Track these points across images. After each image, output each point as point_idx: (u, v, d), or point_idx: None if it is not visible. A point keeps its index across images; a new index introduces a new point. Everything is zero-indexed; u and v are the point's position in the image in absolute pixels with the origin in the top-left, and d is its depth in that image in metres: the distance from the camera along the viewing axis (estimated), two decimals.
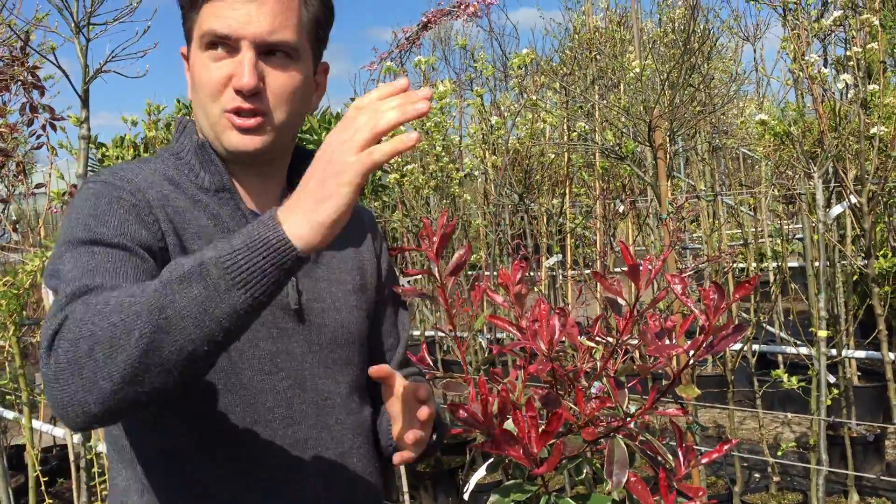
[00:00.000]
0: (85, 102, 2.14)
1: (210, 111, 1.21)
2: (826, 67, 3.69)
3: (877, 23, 3.14)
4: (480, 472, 1.29)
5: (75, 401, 0.91)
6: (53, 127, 2.85)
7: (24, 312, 2.66)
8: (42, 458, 4.43)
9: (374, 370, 1.18)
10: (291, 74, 1.21)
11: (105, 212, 1.11)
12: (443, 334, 5.72)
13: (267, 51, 1.19)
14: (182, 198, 1.22)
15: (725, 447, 1.13)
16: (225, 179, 1.25)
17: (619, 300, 1.19)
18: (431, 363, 1.29)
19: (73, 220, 1.12)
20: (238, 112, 1.18)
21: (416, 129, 4.79)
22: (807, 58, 3.15)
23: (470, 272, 5.47)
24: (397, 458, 1.25)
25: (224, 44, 1.18)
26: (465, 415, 1.08)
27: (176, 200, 1.21)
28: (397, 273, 1.55)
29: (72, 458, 3.31)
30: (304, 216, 0.91)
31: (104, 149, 2.81)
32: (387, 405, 1.26)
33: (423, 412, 1.18)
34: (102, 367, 0.89)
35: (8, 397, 3.44)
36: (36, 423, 3.89)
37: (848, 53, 3.25)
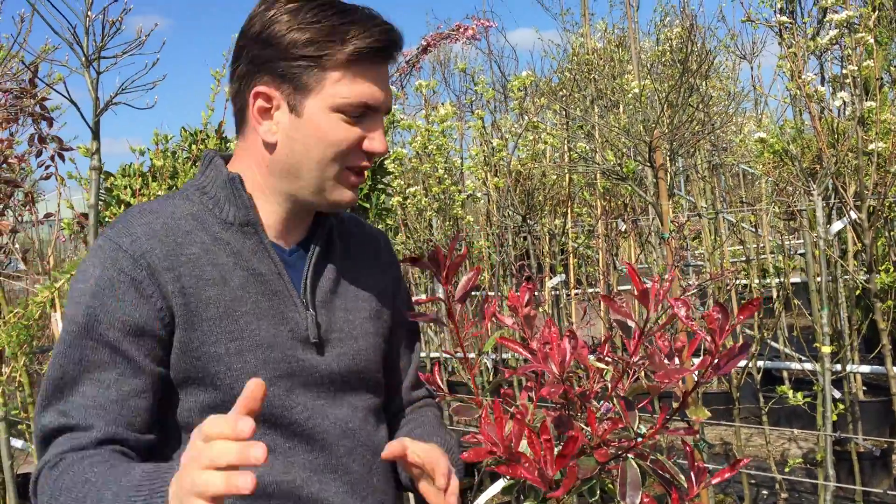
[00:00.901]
0: (96, 134, 2.17)
1: (331, 168, 1.24)
2: (823, 85, 3.73)
3: (872, 41, 3.18)
4: (487, 494, 1.31)
5: None
6: (62, 157, 2.88)
7: (35, 342, 2.68)
8: None
9: (387, 453, 1.25)
10: None
11: (106, 289, 1.17)
12: (447, 356, 5.73)
13: None
14: (202, 236, 1.23)
15: (737, 466, 1.14)
16: (250, 213, 1.26)
17: (629, 322, 1.21)
18: (440, 384, 1.31)
19: (78, 290, 1.19)
20: (362, 171, 1.27)
21: (417, 153, 4.83)
22: (804, 76, 3.19)
23: (474, 293, 5.49)
24: None
25: (363, 112, 1.24)
26: (481, 438, 1.09)
27: (191, 246, 1.22)
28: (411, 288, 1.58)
29: None
30: None
31: (112, 178, 2.84)
32: (407, 469, 1.31)
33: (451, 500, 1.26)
34: None
35: (18, 426, 3.45)
36: None
37: (844, 71, 3.29)
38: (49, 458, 1.11)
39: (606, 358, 1.25)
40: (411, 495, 3.93)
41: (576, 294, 5.25)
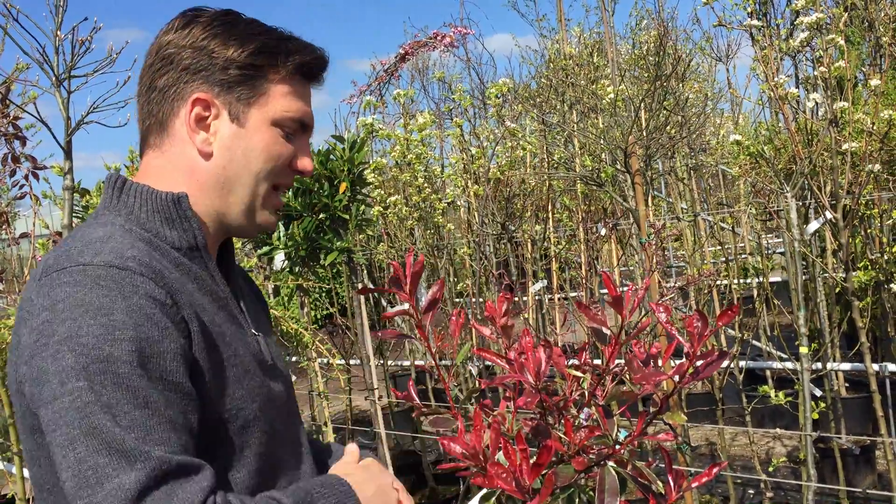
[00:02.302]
0: (68, 154, 2.16)
1: (262, 185, 1.21)
2: (797, 87, 3.77)
3: (842, 42, 3.22)
4: (472, 502, 1.31)
5: None
6: (36, 177, 2.85)
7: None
8: None
9: None
10: None
11: (141, 323, 0.99)
12: (429, 366, 5.72)
13: None
14: (168, 263, 1.11)
15: (715, 470, 1.15)
16: (199, 237, 1.17)
17: (604, 329, 1.21)
18: (420, 395, 1.31)
19: (103, 327, 0.96)
20: (285, 191, 1.26)
21: (397, 163, 4.83)
22: (777, 78, 3.22)
23: (458, 299, 5.49)
24: None
25: (298, 130, 1.24)
26: (458, 449, 1.09)
27: (172, 270, 1.11)
28: (384, 304, 1.58)
29: None
30: None
31: (88, 196, 2.82)
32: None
33: None
34: None
35: None
36: (27, 473, 3.85)
37: (816, 73, 3.32)
38: None
39: (584, 365, 1.26)
40: None
41: (559, 299, 5.27)
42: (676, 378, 1.12)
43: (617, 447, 1.13)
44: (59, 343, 0.95)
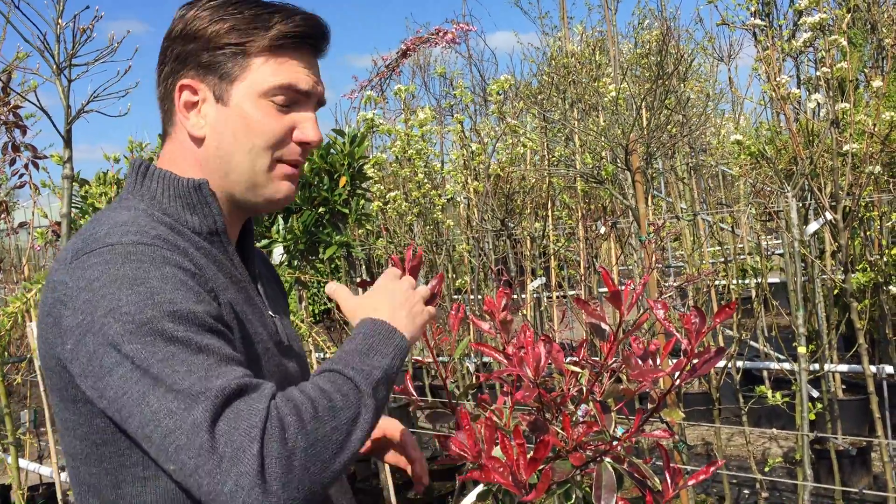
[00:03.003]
0: (67, 143, 2.15)
1: (260, 159, 1.20)
2: (798, 87, 3.76)
3: (845, 43, 3.21)
4: (469, 499, 1.31)
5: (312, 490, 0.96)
6: (36, 166, 2.85)
7: (6, 352, 2.64)
8: (29, 496, 4.37)
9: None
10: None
11: (178, 288, 1.02)
12: (429, 361, 5.72)
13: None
14: (185, 244, 1.13)
15: (711, 469, 1.15)
16: (219, 222, 1.20)
17: (603, 325, 1.21)
18: (417, 391, 1.31)
19: (141, 293, 1.00)
20: (296, 163, 1.23)
21: (397, 158, 4.83)
22: (779, 78, 3.21)
23: (456, 296, 5.48)
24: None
25: (292, 99, 1.21)
26: (454, 445, 1.09)
27: (193, 251, 1.14)
28: None
29: (59, 496, 3.28)
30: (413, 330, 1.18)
31: (87, 186, 2.81)
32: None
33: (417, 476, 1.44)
34: (328, 466, 0.97)
35: None
36: (22, 462, 3.85)
37: (818, 73, 3.32)
38: (260, 419, 0.93)
39: (583, 361, 1.25)
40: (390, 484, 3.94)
41: (557, 297, 5.27)
42: (675, 375, 1.12)
43: (614, 444, 1.13)
44: (103, 317, 0.99)
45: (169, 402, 0.94)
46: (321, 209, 3.28)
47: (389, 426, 1.47)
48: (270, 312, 1.27)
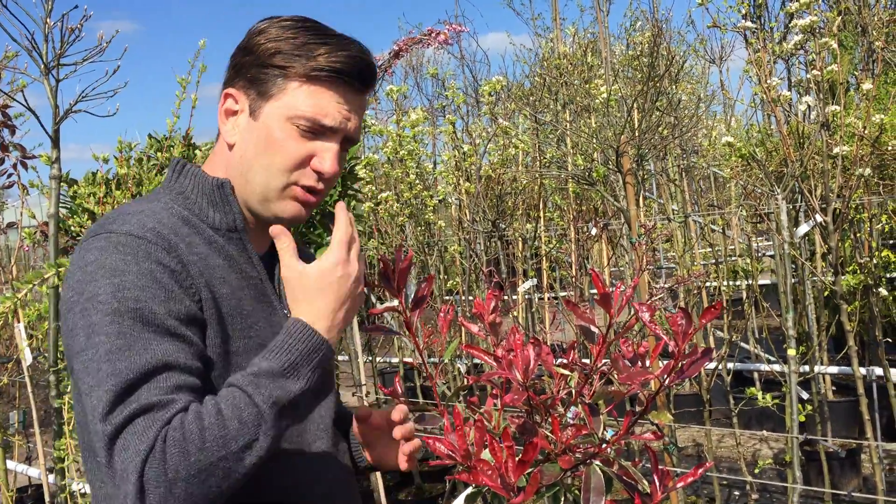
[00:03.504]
0: (55, 143, 2.14)
1: (276, 178, 1.24)
2: (790, 90, 3.77)
3: (836, 46, 3.22)
4: (458, 501, 1.31)
5: None
6: (24, 166, 2.83)
7: None
8: (17, 498, 4.35)
9: (360, 415, 1.37)
10: (344, 160, 1.32)
11: (150, 282, 1.10)
12: (416, 363, 5.72)
13: (343, 141, 1.28)
14: (197, 239, 1.22)
15: (700, 471, 1.14)
16: (238, 220, 1.28)
17: (592, 328, 1.21)
18: (408, 392, 1.31)
19: (116, 285, 1.09)
20: (311, 190, 1.26)
21: (389, 159, 4.82)
22: (769, 81, 3.22)
23: (448, 297, 5.48)
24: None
25: (316, 129, 1.24)
26: (442, 448, 1.09)
27: (198, 245, 1.21)
28: (373, 300, 1.60)
29: (47, 498, 3.27)
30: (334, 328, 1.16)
31: (76, 186, 2.80)
32: (357, 432, 1.44)
33: (407, 447, 1.36)
34: (216, 491, 1.01)
35: None
36: (10, 464, 3.83)
37: (809, 76, 3.33)
38: (149, 441, 0.99)
39: (572, 364, 1.25)
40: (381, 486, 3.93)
41: (548, 298, 5.27)
42: (663, 378, 1.11)
43: (603, 446, 1.13)
44: (86, 301, 1.09)
45: (95, 401, 1.03)
46: (312, 210, 3.27)
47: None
48: (286, 312, 1.30)
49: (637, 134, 3.24)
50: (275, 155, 1.24)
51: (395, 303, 1.25)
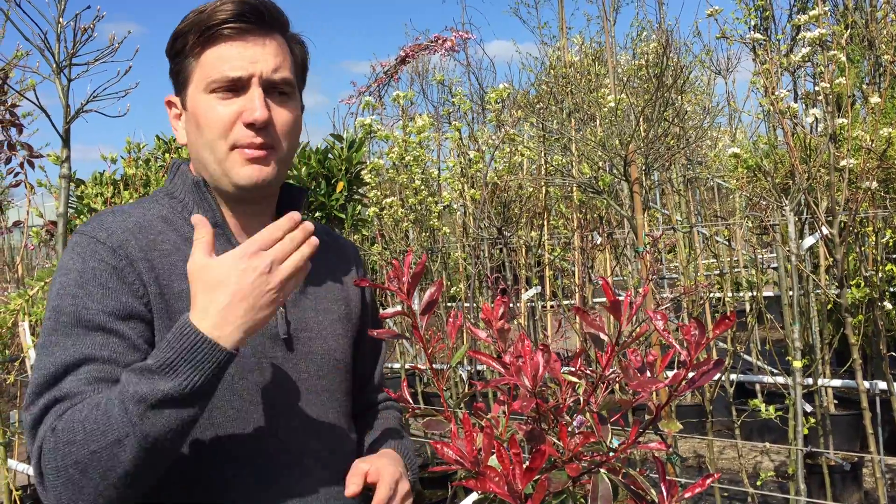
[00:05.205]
0: (66, 142, 2.14)
1: (218, 149, 1.25)
2: (796, 102, 3.77)
3: (844, 59, 3.22)
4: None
5: None
6: (31, 165, 2.83)
7: (6, 351, 2.63)
8: (19, 497, 4.34)
9: (350, 491, 1.26)
10: (290, 109, 1.29)
11: (90, 280, 1.17)
12: (423, 368, 5.72)
13: (269, 88, 1.26)
14: (174, 237, 1.26)
15: (707, 481, 1.14)
16: (217, 215, 1.29)
17: (601, 335, 1.21)
18: (410, 397, 1.30)
19: (61, 283, 1.18)
20: (250, 146, 1.25)
21: (394, 164, 4.83)
22: (777, 93, 3.22)
23: (450, 303, 5.48)
24: None
25: (232, 86, 1.24)
26: (450, 453, 1.08)
27: (164, 243, 1.25)
28: (377, 305, 1.59)
29: None
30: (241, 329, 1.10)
31: (83, 186, 2.80)
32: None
33: None
34: (101, 483, 1.04)
35: None
36: (11, 463, 3.82)
37: (816, 88, 3.33)
38: (45, 429, 1.07)
39: (580, 371, 1.25)
40: None
41: (551, 306, 5.26)
42: (672, 387, 1.11)
43: (610, 455, 1.13)
44: (47, 298, 1.26)
45: (30, 389, 1.13)
46: (317, 214, 3.28)
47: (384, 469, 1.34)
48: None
49: (644, 143, 3.24)
50: (206, 129, 1.25)
51: (400, 307, 1.25)
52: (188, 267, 1.12)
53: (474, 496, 1.23)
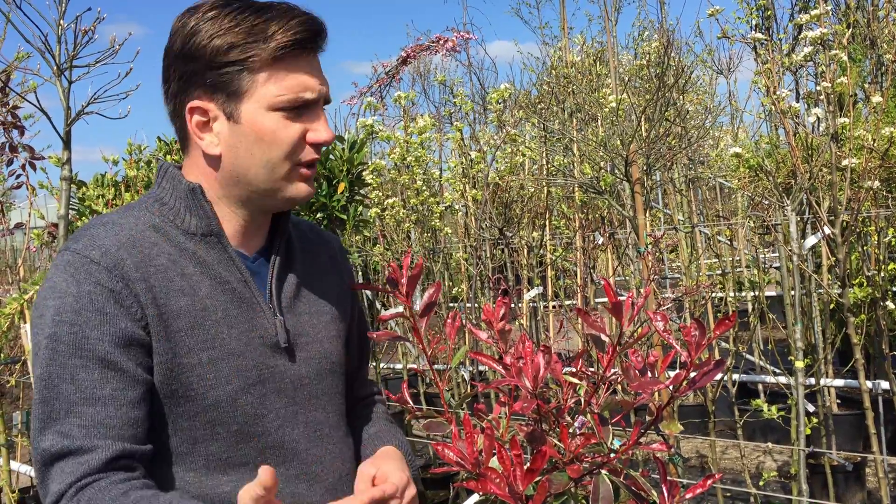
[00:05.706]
0: (67, 144, 2.14)
1: (279, 168, 1.23)
2: (798, 101, 3.77)
3: (845, 58, 3.22)
4: None
5: None
6: (33, 167, 2.84)
7: (2, 354, 2.63)
8: (20, 499, 4.35)
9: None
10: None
11: (86, 305, 1.14)
12: (423, 369, 5.71)
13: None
14: (167, 247, 1.23)
15: (709, 482, 1.14)
16: (213, 223, 1.26)
17: (603, 336, 1.20)
18: (412, 398, 1.30)
19: (56, 308, 1.15)
20: (312, 164, 1.26)
21: (396, 165, 4.83)
22: (778, 92, 3.22)
23: (452, 304, 5.48)
24: None
25: (302, 106, 1.23)
26: (451, 454, 1.08)
27: (158, 257, 1.21)
28: (378, 307, 1.59)
29: None
30: None
31: (85, 188, 2.81)
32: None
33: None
34: None
35: None
36: (14, 465, 3.82)
37: (818, 88, 3.32)
38: (63, 489, 1.09)
39: (581, 372, 1.25)
40: None
41: (553, 307, 5.26)
42: (673, 388, 1.11)
43: (611, 456, 1.12)
44: (38, 318, 1.17)
45: (33, 418, 1.14)
46: (319, 215, 3.28)
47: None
48: (277, 310, 1.29)
49: (646, 143, 3.24)
50: (272, 147, 1.22)
51: (401, 309, 1.25)
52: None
53: (476, 497, 1.22)
